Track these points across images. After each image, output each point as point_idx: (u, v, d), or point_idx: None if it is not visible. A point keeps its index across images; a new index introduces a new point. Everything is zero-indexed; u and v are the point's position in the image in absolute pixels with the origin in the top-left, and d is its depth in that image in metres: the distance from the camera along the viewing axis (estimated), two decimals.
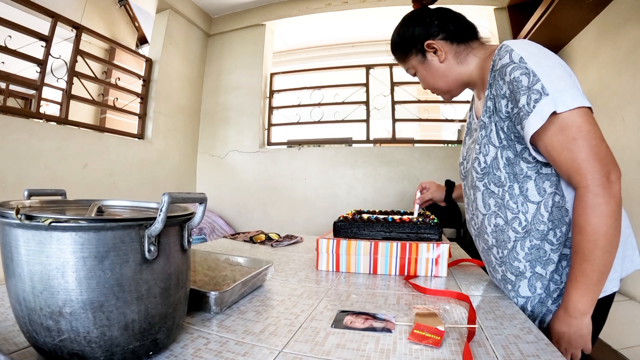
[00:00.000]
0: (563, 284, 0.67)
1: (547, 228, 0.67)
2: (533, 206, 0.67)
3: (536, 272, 0.69)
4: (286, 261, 1.02)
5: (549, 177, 0.66)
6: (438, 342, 0.50)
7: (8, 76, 2.16)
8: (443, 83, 0.81)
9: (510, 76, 0.63)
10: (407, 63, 0.84)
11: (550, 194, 0.66)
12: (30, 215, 0.37)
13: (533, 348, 0.50)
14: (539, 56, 0.62)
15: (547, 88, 0.58)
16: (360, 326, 0.56)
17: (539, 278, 0.69)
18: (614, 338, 1.33)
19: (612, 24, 2.00)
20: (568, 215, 0.65)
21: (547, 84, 0.59)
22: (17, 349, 0.44)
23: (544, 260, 0.68)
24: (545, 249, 0.68)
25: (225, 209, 3.42)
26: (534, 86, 0.59)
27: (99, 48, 3.51)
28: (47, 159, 2.18)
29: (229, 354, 0.47)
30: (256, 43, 3.47)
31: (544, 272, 0.68)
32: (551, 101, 0.58)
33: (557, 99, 0.58)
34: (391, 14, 3.29)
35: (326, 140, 3.47)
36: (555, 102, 0.58)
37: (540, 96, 0.59)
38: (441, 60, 0.78)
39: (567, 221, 0.66)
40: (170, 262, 0.44)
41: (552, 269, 0.68)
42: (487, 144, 0.71)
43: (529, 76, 0.60)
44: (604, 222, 0.56)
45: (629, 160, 1.80)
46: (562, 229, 0.66)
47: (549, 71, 0.60)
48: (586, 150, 0.57)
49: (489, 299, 0.72)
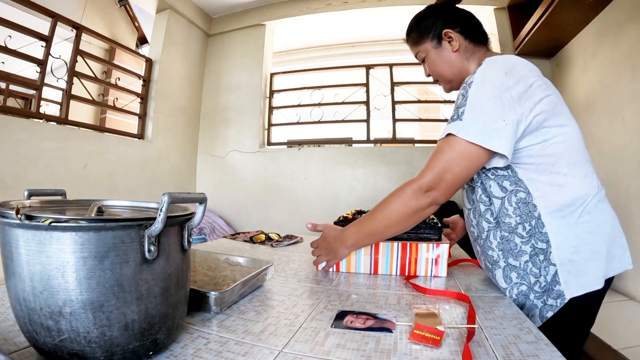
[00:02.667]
0: (543, 277, 0.71)
1: (515, 222, 0.74)
2: (498, 201, 0.76)
3: (509, 262, 0.75)
4: (286, 261, 1.02)
5: (506, 177, 0.74)
6: (437, 342, 0.50)
7: (8, 76, 2.16)
8: (449, 72, 0.87)
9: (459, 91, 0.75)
10: (419, 46, 0.90)
11: (512, 191, 0.74)
12: (30, 215, 0.37)
13: (533, 348, 0.50)
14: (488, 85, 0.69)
15: (465, 115, 0.69)
16: (360, 326, 0.56)
17: (513, 269, 0.75)
18: (614, 338, 1.33)
19: (612, 24, 2.00)
20: (537, 210, 0.72)
21: (467, 112, 0.69)
22: (17, 349, 0.44)
23: (515, 252, 0.74)
24: (516, 242, 0.74)
25: (225, 209, 3.42)
26: (460, 108, 0.70)
27: (99, 48, 3.51)
28: (47, 159, 2.18)
29: (229, 354, 0.47)
30: (256, 43, 3.47)
31: (518, 263, 0.74)
32: (458, 126, 0.69)
33: (465, 126, 0.68)
34: (391, 14, 3.29)
35: (326, 140, 3.47)
36: (460, 128, 0.68)
37: (457, 117, 0.70)
38: (454, 50, 0.84)
39: (537, 215, 0.72)
40: (170, 262, 0.44)
41: (525, 259, 0.73)
42: None
43: (463, 99, 0.71)
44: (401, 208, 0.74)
45: (629, 160, 1.79)
46: (531, 222, 0.72)
47: (479, 102, 0.68)
48: (441, 165, 0.70)
49: (488, 299, 0.72)
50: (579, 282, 0.69)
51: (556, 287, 0.70)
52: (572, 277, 0.69)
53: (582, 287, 0.69)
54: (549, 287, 0.71)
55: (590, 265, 0.70)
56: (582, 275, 0.69)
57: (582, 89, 2.31)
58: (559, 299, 0.70)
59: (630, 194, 1.78)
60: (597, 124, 2.11)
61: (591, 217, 0.71)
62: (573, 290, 0.69)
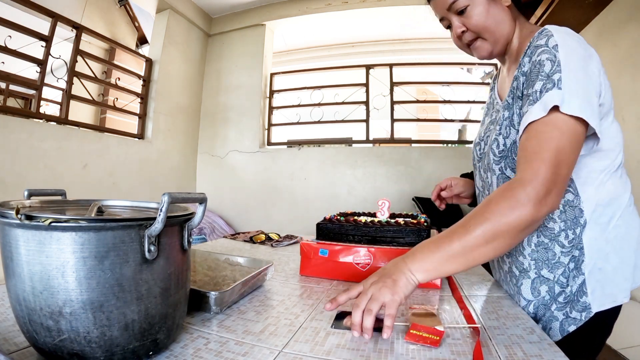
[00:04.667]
0: (570, 287, 0.63)
1: (559, 228, 0.63)
2: None
3: (542, 274, 0.65)
4: (286, 261, 1.02)
5: None
6: (436, 342, 0.50)
7: (8, 76, 2.16)
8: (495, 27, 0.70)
9: (538, 57, 0.60)
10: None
11: None
12: (30, 215, 0.37)
13: (536, 348, 0.49)
14: (574, 52, 0.57)
15: (564, 83, 0.55)
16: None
17: (545, 282, 0.65)
18: (614, 338, 1.33)
19: (612, 24, 2.00)
20: (583, 217, 0.62)
21: (565, 79, 0.55)
22: (17, 349, 0.44)
23: (552, 263, 0.64)
24: (555, 251, 0.64)
25: (225, 209, 3.42)
26: (553, 76, 0.56)
27: (99, 48, 3.51)
28: (47, 159, 2.18)
29: (229, 354, 0.47)
30: (256, 43, 3.47)
31: (552, 276, 0.64)
32: (559, 96, 0.54)
33: (565, 97, 0.54)
34: (391, 14, 3.29)
35: (326, 140, 3.47)
36: (563, 99, 0.54)
37: (553, 87, 0.55)
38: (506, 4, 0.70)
39: (582, 222, 0.62)
40: (170, 262, 0.44)
41: (560, 271, 0.63)
42: (508, 126, 0.68)
43: (553, 64, 0.57)
44: (510, 219, 0.51)
45: (629, 160, 1.79)
46: (576, 231, 0.62)
47: (574, 69, 0.56)
48: (555, 157, 0.53)
49: (492, 299, 0.72)
50: (606, 292, 0.62)
51: (582, 299, 0.62)
52: (599, 287, 0.62)
53: (609, 299, 0.62)
54: (573, 298, 0.63)
55: (618, 274, 0.63)
56: (609, 285, 0.62)
57: None
58: (584, 312, 0.62)
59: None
60: None
61: (623, 221, 0.64)
62: (600, 302, 0.62)
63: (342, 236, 0.91)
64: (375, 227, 0.88)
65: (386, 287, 0.52)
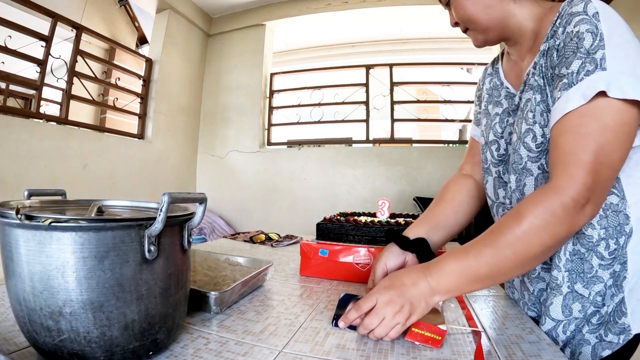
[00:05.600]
0: (606, 307, 0.54)
1: (599, 236, 0.53)
2: None
3: (576, 289, 0.55)
4: (286, 261, 1.02)
5: None
6: (438, 343, 0.49)
7: (8, 76, 2.16)
8: (484, 15, 0.61)
9: (575, 27, 0.49)
10: None
11: None
12: (30, 215, 0.37)
13: (535, 348, 0.49)
14: (617, 24, 0.48)
15: (608, 62, 0.46)
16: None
17: (579, 298, 0.55)
18: None
19: None
20: (629, 224, 0.52)
21: (610, 58, 0.46)
22: (17, 349, 0.44)
23: (588, 277, 0.54)
24: (592, 263, 0.54)
25: (225, 209, 3.42)
26: (595, 53, 0.47)
27: (99, 48, 3.51)
28: (47, 159, 2.18)
29: (229, 354, 0.47)
30: (256, 43, 3.47)
31: (587, 293, 0.54)
32: (604, 79, 0.45)
33: (613, 79, 0.45)
34: (391, 14, 3.29)
35: (326, 140, 3.47)
36: (609, 82, 0.45)
37: (595, 68, 0.46)
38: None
39: (628, 231, 0.52)
40: (170, 262, 0.44)
41: (597, 289, 0.54)
42: (544, 112, 0.56)
43: (595, 38, 0.47)
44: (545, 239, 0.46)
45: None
46: (619, 241, 0.52)
47: (620, 44, 0.47)
48: (594, 157, 0.45)
49: (491, 298, 0.72)
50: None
51: (620, 320, 0.53)
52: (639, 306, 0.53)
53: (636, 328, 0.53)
54: (609, 319, 0.54)
55: None
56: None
57: None
58: (622, 334, 0.53)
59: None
60: None
61: None
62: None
63: (342, 236, 0.91)
64: (375, 227, 0.88)
65: (402, 314, 0.49)
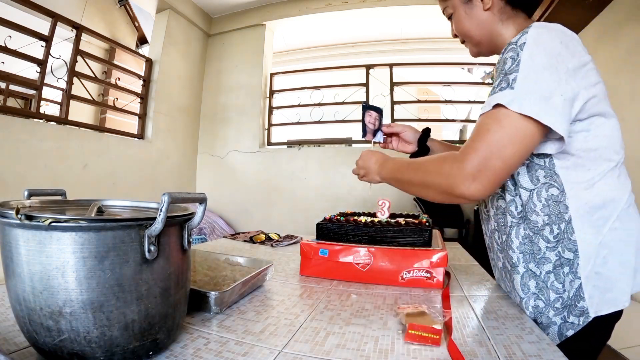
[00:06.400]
0: (567, 292, 0.63)
1: (543, 222, 0.64)
2: (526, 193, 0.65)
3: (529, 268, 0.67)
4: (286, 261, 1.02)
5: (542, 167, 0.64)
6: (438, 341, 0.50)
7: (8, 76, 2.16)
8: (477, 31, 0.76)
9: (505, 54, 0.62)
10: (447, 1, 0.79)
11: (544, 184, 0.63)
12: (30, 215, 0.37)
13: (535, 348, 0.50)
14: (543, 51, 0.58)
15: (517, 83, 0.56)
16: None
17: (532, 276, 0.66)
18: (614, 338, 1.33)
19: (612, 24, 2.00)
20: (568, 212, 0.62)
21: (520, 80, 0.56)
22: (17, 349, 0.44)
23: (538, 257, 0.65)
24: (540, 246, 0.65)
25: (225, 209, 3.42)
26: (510, 75, 0.58)
27: (99, 48, 3.51)
28: (47, 159, 2.18)
29: (229, 354, 0.47)
30: (256, 43, 3.47)
31: (538, 272, 0.65)
32: (509, 95, 0.56)
33: (516, 97, 0.56)
34: (391, 14, 3.29)
35: (326, 140, 3.47)
36: (513, 99, 0.56)
37: (507, 86, 0.57)
38: (485, 8, 0.73)
39: (567, 218, 0.62)
40: (170, 262, 0.44)
41: (548, 268, 0.64)
42: None
43: (513, 63, 0.59)
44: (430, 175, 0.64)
45: (629, 160, 1.79)
46: (561, 226, 0.62)
47: (534, 68, 0.57)
48: (487, 148, 0.56)
49: (491, 299, 0.72)
50: (606, 298, 0.61)
51: (580, 303, 0.62)
52: (597, 293, 0.61)
53: (608, 305, 0.61)
54: (571, 302, 0.62)
55: (619, 279, 0.62)
56: (610, 291, 0.61)
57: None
58: (582, 316, 0.62)
59: None
60: None
61: (621, 223, 0.63)
62: (598, 307, 0.61)
63: (342, 236, 0.90)
64: (375, 227, 0.88)
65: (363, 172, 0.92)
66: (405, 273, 0.80)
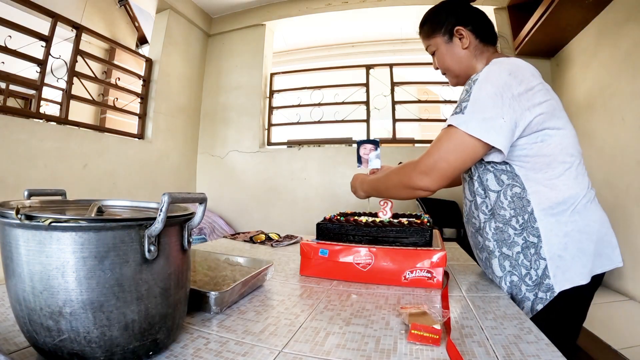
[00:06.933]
0: (534, 270, 0.76)
1: (510, 214, 0.78)
2: (494, 194, 0.81)
3: (503, 252, 0.80)
4: (286, 261, 1.02)
5: (504, 172, 0.79)
6: (437, 341, 0.50)
7: (8, 76, 2.16)
8: (457, 67, 0.91)
9: (464, 86, 0.78)
10: (431, 40, 0.94)
11: (508, 185, 0.78)
12: (30, 215, 0.37)
13: (533, 348, 0.50)
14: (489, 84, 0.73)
15: (467, 109, 0.72)
16: None
17: (506, 257, 0.80)
18: (614, 338, 1.33)
19: (612, 24, 2.00)
20: (530, 206, 0.76)
21: (470, 107, 0.72)
22: (17, 349, 0.44)
23: (508, 242, 0.79)
24: (509, 233, 0.79)
25: (225, 209, 3.42)
26: (462, 102, 0.74)
27: (99, 48, 3.51)
28: (47, 159, 2.17)
29: (229, 354, 0.47)
30: (256, 43, 3.47)
31: (510, 253, 0.79)
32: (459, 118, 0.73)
33: (465, 119, 0.72)
34: (391, 14, 3.29)
35: (326, 140, 3.47)
36: (461, 121, 0.72)
37: (459, 111, 0.74)
38: (464, 47, 0.89)
39: (530, 210, 0.76)
40: (170, 262, 0.44)
41: (517, 250, 0.78)
42: None
43: (466, 94, 0.75)
44: (398, 183, 0.84)
45: (629, 160, 1.79)
46: (524, 217, 0.77)
47: (481, 98, 0.72)
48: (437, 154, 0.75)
49: (489, 299, 0.72)
50: (566, 277, 0.74)
51: (546, 281, 0.75)
52: (560, 272, 0.74)
53: (568, 282, 0.74)
54: (540, 280, 0.75)
55: (576, 262, 0.74)
56: (569, 271, 0.74)
57: (582, 89, 2.31)
58: (548, 292, 0.75)
59: (630, 193, 1.78)
60: (597, 123, 2.11)
61: (580, 216, 0.76)
62: (561, 284, 0.74)
63: (342, 236, 0.90)
64: (376, 227, 0.88)
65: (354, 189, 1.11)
66: (408, 273, 0.80)
